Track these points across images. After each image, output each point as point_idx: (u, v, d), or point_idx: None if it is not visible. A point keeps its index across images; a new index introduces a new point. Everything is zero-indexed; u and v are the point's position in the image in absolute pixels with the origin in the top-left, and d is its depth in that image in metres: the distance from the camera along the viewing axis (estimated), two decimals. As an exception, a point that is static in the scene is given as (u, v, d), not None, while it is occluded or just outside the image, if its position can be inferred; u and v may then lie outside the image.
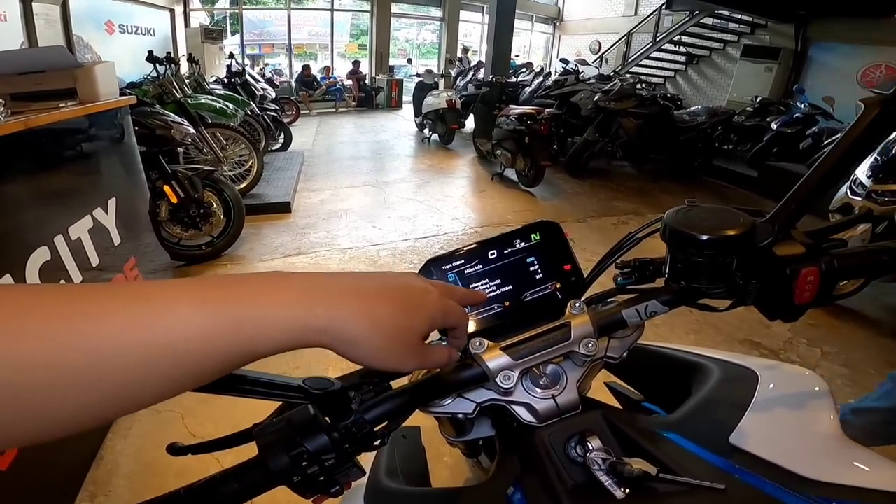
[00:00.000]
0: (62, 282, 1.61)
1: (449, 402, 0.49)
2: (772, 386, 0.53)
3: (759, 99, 7.04)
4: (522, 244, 0.52)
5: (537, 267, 0.52)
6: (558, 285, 0.52)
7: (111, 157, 2.17)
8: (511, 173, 5.43)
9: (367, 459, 0.59)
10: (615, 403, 0.81)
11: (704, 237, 0.42)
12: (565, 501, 0.40)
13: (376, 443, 0.41)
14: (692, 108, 6.42)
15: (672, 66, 11.02)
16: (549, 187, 5.33)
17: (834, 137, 5.20)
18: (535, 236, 0.52)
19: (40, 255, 1.53)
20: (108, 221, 1.99)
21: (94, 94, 1.98)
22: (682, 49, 10.50)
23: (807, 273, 0.42)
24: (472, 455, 0.92)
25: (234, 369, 0.28)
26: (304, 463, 0.36)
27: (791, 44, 8.57)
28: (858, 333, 2.61)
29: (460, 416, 0.49)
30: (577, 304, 0.48)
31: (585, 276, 0.54)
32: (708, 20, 9.70)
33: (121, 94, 2.26)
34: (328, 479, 0.38)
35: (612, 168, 6.38)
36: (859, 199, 2.67)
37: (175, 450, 0.41)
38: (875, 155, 2.65)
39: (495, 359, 0.45)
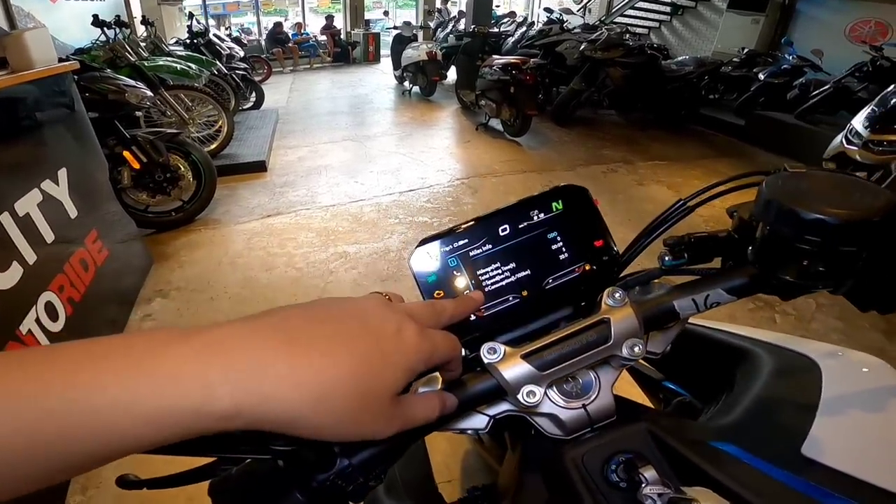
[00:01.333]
0: (14, 263, 1.49)
1: (459, 418, 0.39)
2: (839, 380, 0.45)
3: (745, 50, 6.97)
4: (542, 216, 0.41)
5: (561, 244, 0.41)
6: (588, 267, 0.41)
7: (56, 127, 2.01)
8: (496, 123, 5.31)
9: None
10: (630, 381, 0.74)
11: (834, 220, 0.30)
12: None
13: (372, 483, 0.32)
14: (679, 58, 6.34)
15: (657, 16, 10.71)
16: (535, 137, 5.21)
17: (822, 88, 5.23)
18: (557, 205, 0.41)
19: (-15, 235, 1.41)
20: (59, 193, 1.85)
21: (26, 62, 1.83)
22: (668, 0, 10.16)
23: None
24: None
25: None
26: None
27: None
28: (854, 285, 2.62)
29: (470, 432, 0.39)
30: (618, 295, 0.37)
31: (621, 254, 0.42)
32: (694, -30, 9.35)
33: (64, 61, 2.07)
34: None
35: (599, 117, 6.25)
36: (855, 148, 2.68)
37: (127, 483, 0.33)
38: (872, 105, 2.65)
39: (514, 368, 0.35)
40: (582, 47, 5.55)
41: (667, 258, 0.41)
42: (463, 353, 0.33)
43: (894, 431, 0.41)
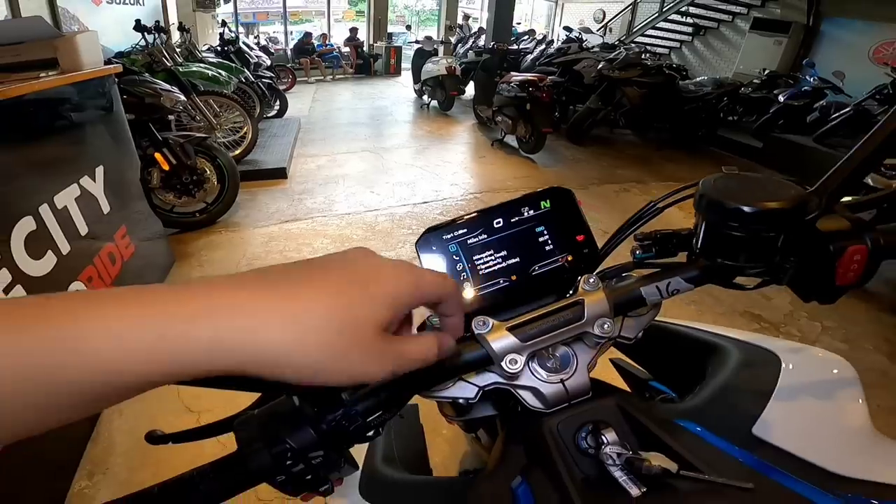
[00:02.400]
0: (48, 252, 1.59)
1: (449, 386, 0.45)
2: (796, 371, 0.49)
3: (766, 71, 6.91)
4: (531, 212, 0.47)
5: (547, 237, 0.47)
6: (570, 258, 0.47)
7: (98, 126, 2.12)
8: (511, 140, 5.36)
9: (361, 445, 0.58)
10: (620, 382, 0.78)
11: (750, 209, 0.37)
12: (575, 497, 0.37)
13: (370, 433, 0.37)
14: (698, 79, 6.32)
15: (678, 36, 10.70)
16: (550, 154, 5.26)
17: (843, 111, 5.13)
18: (545, 204, 0.47)
19: (25, 225, 1.50)
20: (96, 189, 1.95)
21: (76, 64, 1.93)
22: (690, 20, 10.17)
23: (853, 251, 0.37)
24: (471, 430, 0.89)
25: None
26: (288, 461, 0.32)
27: (802, 18, 8.31)
28: (858, 308, 2.59)
29: (461, 401, 0.45)
30: (591, 280, 0.43)
31: (600, 247, 0.49)
32: (716, -9, 9.37)
33: (107, 64, 2.19)
34: (315, 477, 0.34)
35: (615, 136, 6.28)
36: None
37: (154, 438, 0.38)
38: None
39: (500, 340, 0.40)
40: (599, 66, 5.59)
41: (637, 252, 0.47)
42: (461, 293, 0.36)
43: (839, 417, 0.46)
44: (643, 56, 6.01)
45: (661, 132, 5.81)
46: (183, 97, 2.95)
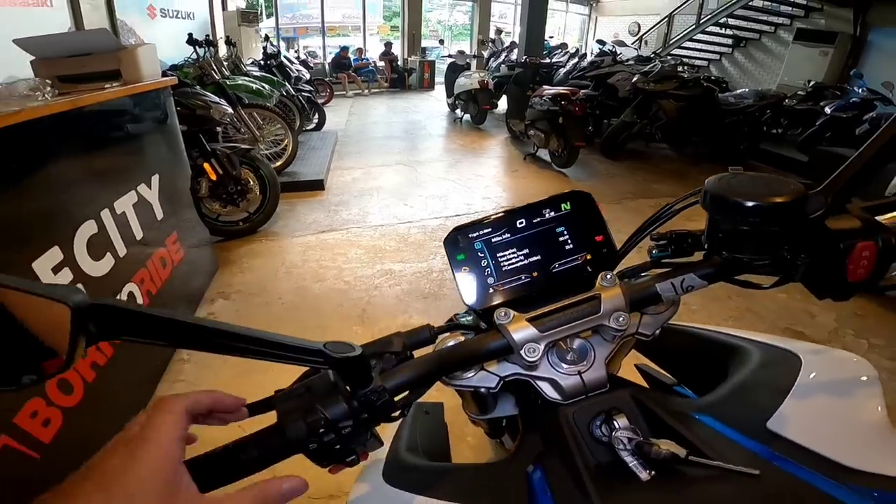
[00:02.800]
0: (107, 254, 1.69)
1: (471, 374, 0.47)
2: (816, 371, 0.50)
3: (812, 83, 6.69)
4: (552, 213, 0.50)
5: (567, 237, 0.50)
6: (589, 257, 0.50)
7: (154, 136, 2.25)
8: (544, 154, 5.35)
9: (388, 434, 0.58)
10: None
11: (750, 203, 0.39)
12: (587, 481, 0.38)
13: (395, 414, 0.40)
14: (738, 91, 6.15)
15: (717, 48, 10.51)
16: (582, 168, 5.23)
17: None
18: (566, 206, 0.51)
19: (88, 229, 1.60)
20: (151, 197, 2.06)
21: (137, 76, 2.05)
22: (729, 32, 9.97)
23: (862, 248, 0.38)
24: (496, 435, 0.90)
25: None
26: (322, 430, 0.35)
27: (848, 28, 8.10)
28: (908, 326, 2.45)
29: (483, 389, 0.48)
30: (609, 277, 0.45)
31: (618, 248, 0.51)
32: (758, 2, 9.16)
33: (163, 76, 2.32)
34: (344, 447, 0.37)
35: (650, 150, 6.17)
36: None
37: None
38: None
39: (521, 330, 0.43)
40: (634, 79, 5.53)
41: (654, 251, 0.50)
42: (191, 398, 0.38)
43: (857, 415, 0.45)
44: (680, 68, 5.92)
45: (699, 146, 5.68)
46: (230, 109, 3.09)
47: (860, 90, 5.75)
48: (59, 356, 0.29)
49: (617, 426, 0.40)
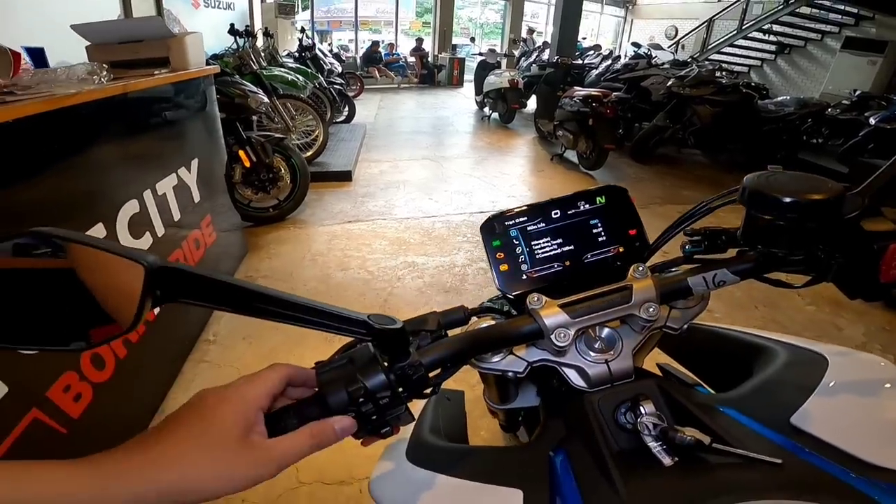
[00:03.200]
0: (147, 233, 1.76)
1: (500, 358, 0.49)
2: (842, 372, 0.50)
3: (858, 93, 6.44)
4: (587, 206, 0.51)
5: (601, 229, 0.51)
6: (621, 250, 0.51)
7: (196, 122, 2.32)
8: (571, 155, 5.30)
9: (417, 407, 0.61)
10: None
11: (788, 199, 0.40)
12: (611, 466, 0.39)
13: (427, 391, 0.42)
14: (779, 98, 5.96)
15: (759, 54, 10.19)
16: (610, 171, 5.16)
17: None
18: (601, 199, 0.51)
19: (130, 208, 1.67)
20: (190, 180, 2.14)
21: (184, 63, 2.12)
22: (773, 38, 9.65)
23: (895, 249, 0.39)
24: (511, 429, 0.92)
25: None
26: (361, 399, 0.37)
27: None
28: (940, 341, 2.36)
29: (510, 374, 0.49)
30: (641, 269, 0.46)
31: (651, 242, 0.52)
32: (805, 9, 8.86)
33: (206, 65, 2.39)
34: (380, 418, 0.39)
35: (682, 156, 6.04)
36: None
37: None
38: None
39: (552, 315, 0.44)
40: (669, 83, 5.41)
41: (687, 246, 0.50)
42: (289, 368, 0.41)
43: (883, 414, 0.45)
44: (718, 73, 5.77)
45: (734, 154, 5.53)
46: (266, 99, 3.16)
47: (908, 101, 5.53)
48: (114, 323, 0.32)
49: (643, 412, 0.41)
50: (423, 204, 3.94)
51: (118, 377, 1.49)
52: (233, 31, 3.92)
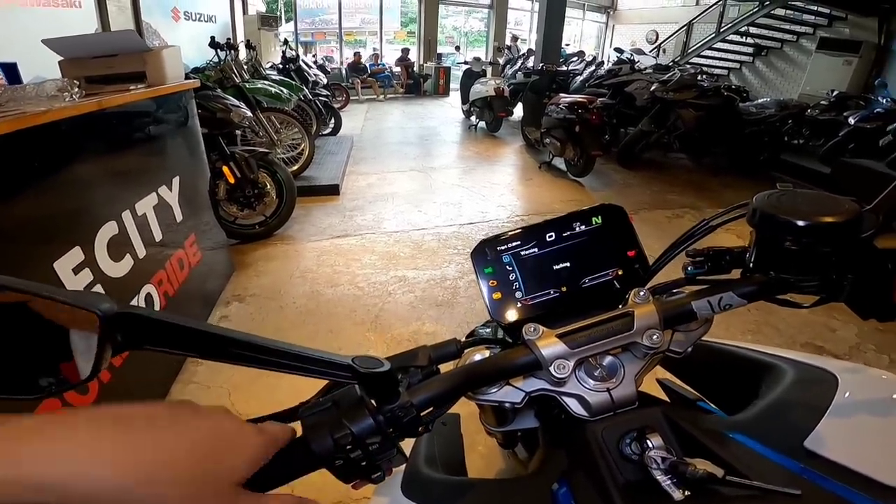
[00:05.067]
0: (127, 255, 1.70)
1: (497, 389, 0.46)
2: (853, 390, 0.48)
3: (835, 93, 6.62)
4: (583, 227, 0.49)
5: (598, 251, 0.49)
6: (620, 272, 0.48)
7: (176, 138, 2.27)
8: (559, 162, 5.31)
9: (406, 446, 0.58)
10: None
11: (803, 223, 0.38)
12: (617, 499, 0.37)
13: (421, 428, 0.39)
14: (760, 101, 6.08)
15: (738, 57, 10.43)
16: (598, 177, 5.18)
17: None
18: (597, 220, 0.49)
19: (109, 230, 1.61)
20: (171, 199, 2.08)
21: (161, 78, 2.07)
22: (750, 40, 9.88)
23: None
24: (508, 446, 0.89)
25: None
26: (348, 446, 0.35)
27: (873, 37, 8.00)
28: (931, 341, 2.37)
29: (507, 405, 0.46)
30: (642, 293, 0.44)
31: (651, 263, 0.50)
32: (780, 11, 9.11)
33: (186, 79, 2.35)
34: (371, 464, 0.36)
35: (668, 160, 6.11)
36: None
37: None
38: None
39: (550, 346, 0.42)
40: (652, 88, 5.48)
41: (689, 268, 0.48)
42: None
43: (894, 433, 0.44)
44: (699, 77, 5.87)
45: (718, 156, 5.61)
46: (249, 113, 3.11)
47: (884, 100, 5.68)
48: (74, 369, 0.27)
49: (650, 445, 0.39)
50: (412, 216, 3.90)
51: (103, 401, 1.43)
52: (214, 43, 3.89)
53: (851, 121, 5.48)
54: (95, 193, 1.59)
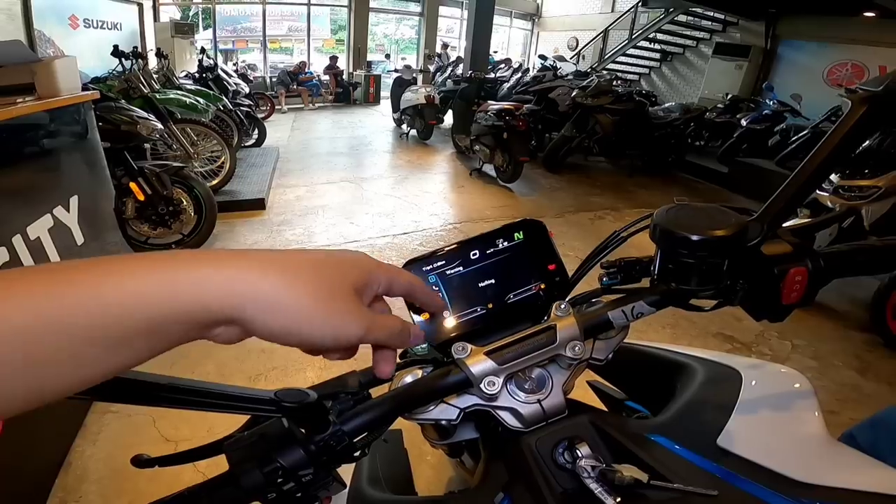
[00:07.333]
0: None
1: (432, 408, 0.47)
2: (755, 385, 0.53)
3: (729, 96, 7.20)
4: (505, 243, 0.50)
5: (521, 267, 0.50)
6: (543, 286, 0.50)
7: (73, 154, 2.09)
8: (489, 169, 5.44)
9: (347, 468, 0.58)
10: (598, 402, 0.81)
11: (696, 237, 0.41)
12: None
13: (357, 454, 0.39)
14: (666, 105, 6.54)
15: (647, 63, 11.15)
16: (527, 183, 5.36)
17: (801, 134, 5.36)
18: (519, 235, 0.50)
19: (-2, 256, 1.45)
20: (69, 220, 1.91)
21: (53, 90, 1.91)
22: (657, 46, 10.63)
23: (795, 273, 0.41)
24: (455, 455, 0.90)
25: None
26: (279, 479, 0.34)
27: (761, 41, 8.69)
28: (826, 326, 2.69)
29: (444, 422, 0.48)
30: (563, 306, 0.46)
31: (570, 276, 0.52)
32: (682, 17, 9.77)
33: (84, 90, 2.18)
34: (305, 495, 0.36)
35: (589, 163, 6.44)
36: (826, 194, 2.77)
37: (140, 462, 0.38)
38: None
39: (479, 364, 0.43)
40: (573, 94, 5.72)
41: (604, 279, 0.51)
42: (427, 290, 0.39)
43: (798, 427, 0.49)
44: (614, 83, 6.22)
45: (633, 159, 5.97)
46: (160, 125, 2.93)
47: (772, 102, 6.25)
48: None
49: (580, 454, 0.41)
50: (344, 229, 3.83)
51: (11, 433, 1.34)
52: (116, 52, 3.62)
53: (743, 123, 6.02)
54: (-22, 217, 1.44)
